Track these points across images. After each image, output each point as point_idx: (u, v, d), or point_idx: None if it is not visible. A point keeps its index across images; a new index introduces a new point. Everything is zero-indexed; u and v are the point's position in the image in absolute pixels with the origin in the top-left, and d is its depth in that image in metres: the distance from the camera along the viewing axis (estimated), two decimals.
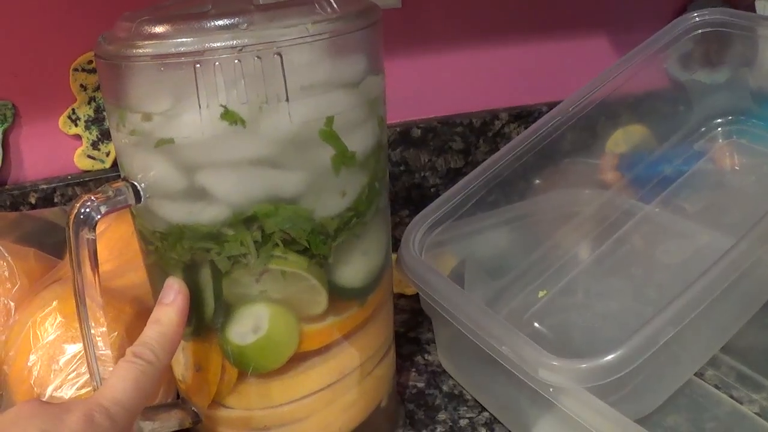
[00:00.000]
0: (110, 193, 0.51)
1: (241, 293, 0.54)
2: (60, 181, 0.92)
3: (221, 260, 0.52)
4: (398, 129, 1.03)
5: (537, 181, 0.80)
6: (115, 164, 0.95)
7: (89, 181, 0.93)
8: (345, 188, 0.53)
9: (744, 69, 0.81)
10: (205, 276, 0.53)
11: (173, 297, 0.54)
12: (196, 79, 0.47)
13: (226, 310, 0.54)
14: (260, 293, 0.53)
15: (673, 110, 0.85)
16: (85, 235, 0.50)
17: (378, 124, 0.56)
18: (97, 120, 0.93)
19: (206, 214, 0.51)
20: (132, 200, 0.52)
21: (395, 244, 0.69)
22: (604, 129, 0.83)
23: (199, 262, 0.53)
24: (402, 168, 1.05)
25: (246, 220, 0.51)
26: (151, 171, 0.52)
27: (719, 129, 0.85)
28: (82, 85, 0.92)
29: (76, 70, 0.91)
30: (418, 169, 1.06)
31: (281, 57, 0.48)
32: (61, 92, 0.92)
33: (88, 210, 0.50)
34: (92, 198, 0.51)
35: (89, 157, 0.94)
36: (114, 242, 0.74)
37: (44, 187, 0.91)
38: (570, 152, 0.81)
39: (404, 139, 1.04)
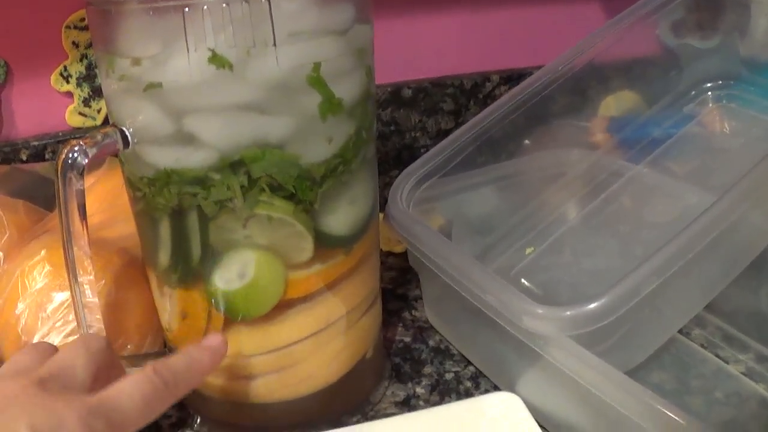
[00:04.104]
0: (98, 137, 0.51)
1: (228, 239, 0.54)
2: (51, 137, 0.92)
3: (208, 205, 0.52)
4: (389, 89, 1.03)
5: (526, 141, 0.80)
6: (106, 121, 0.95)
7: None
8: (332, 135, 0.53)
9: (735, 34, 0.81)
10: (192, 221, 0.54)
11: (216, 345, 0.54)
12: (184, 24, 0.47)
13: (213, 256, 0.55)
14: (246, 239, 0.54)
15: (664, 74, 0.85)
16: (74, 179, 0.51)
17: (366, 73, 0.56)
18: (88, 77, 0.93)
19: (193, 159, 0.51)
20: (120, 145, 0.52)
21: (383, 203, 0.69)
22: (595, 93, 0.83)
23: (186, 208, 0.53)
24: (392, 128, 1.05)
25: (232, 164, 0.51)
26: (139, 116, 0.52)
27: (709, 93, 0.84)
28: (74, 43, 0.91)
29: (68, 27, 0.90)
30: (408, 129, 1.06)
31: (269, 2, 0.48)
32: (54, 49, 0.91)
33: (75, 154, 0.51)
34: (80, 143, 0.51)
35: (80, 114, 0.94)
36: (104, 194, 0.75)
37: (36, 143, 0.91)
38: (560, 114, 0.81)
39: (395, 100, 1.04)
